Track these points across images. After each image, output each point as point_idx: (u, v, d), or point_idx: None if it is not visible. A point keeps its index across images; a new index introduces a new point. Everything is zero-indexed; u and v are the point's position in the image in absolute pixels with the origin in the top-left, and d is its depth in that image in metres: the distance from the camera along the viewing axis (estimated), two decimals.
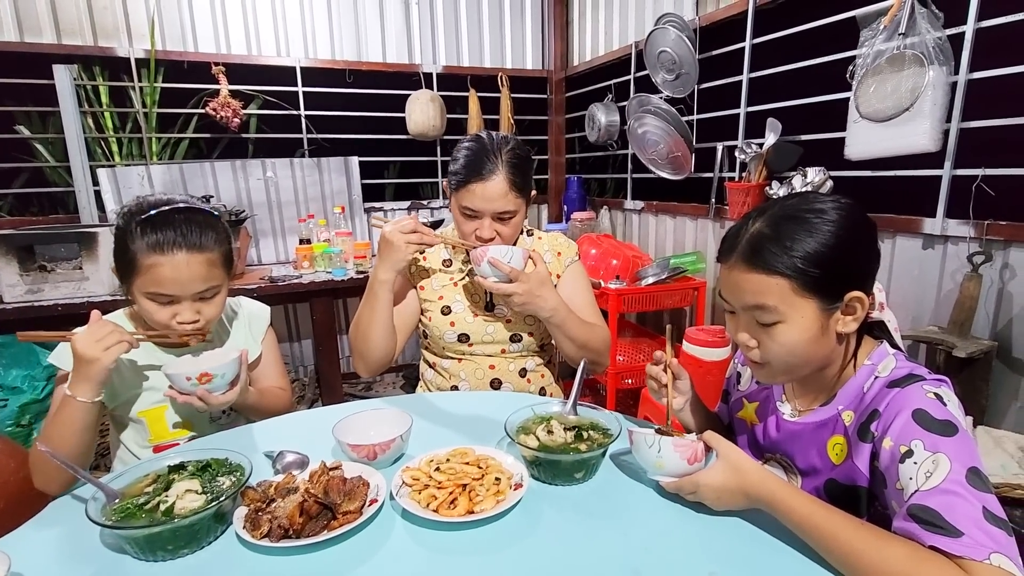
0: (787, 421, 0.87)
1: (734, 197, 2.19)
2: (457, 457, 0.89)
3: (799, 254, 0.73)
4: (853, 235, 0.75)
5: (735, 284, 0.79)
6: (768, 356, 0.79)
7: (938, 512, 0.61)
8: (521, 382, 1.38)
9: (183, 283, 1.01)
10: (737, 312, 0.81)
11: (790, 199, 0.80)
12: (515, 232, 1.30)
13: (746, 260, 0.77)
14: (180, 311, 1.03)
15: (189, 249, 1.01)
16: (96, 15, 2.68)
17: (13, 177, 2.70)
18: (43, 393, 2.19)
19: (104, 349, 0.92)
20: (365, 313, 1.27)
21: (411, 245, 1.18)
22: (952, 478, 0.62)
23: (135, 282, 1.01)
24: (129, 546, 0.71)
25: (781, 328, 0.76)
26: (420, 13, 3.28)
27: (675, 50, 2.44)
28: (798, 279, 0.73)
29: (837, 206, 0.76)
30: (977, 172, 1.54)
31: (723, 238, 0.83)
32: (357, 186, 3.18)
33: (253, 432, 1.10)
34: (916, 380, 0.73)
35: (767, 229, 0.76)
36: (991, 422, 1.52)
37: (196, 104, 2.88)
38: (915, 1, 1.56)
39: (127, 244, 1.00)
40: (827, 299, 0.74)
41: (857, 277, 0.76)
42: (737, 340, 0.83)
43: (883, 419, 0.72)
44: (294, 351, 3.34)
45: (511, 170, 1.22)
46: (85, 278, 2.14)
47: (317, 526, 0.74)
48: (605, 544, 0.74)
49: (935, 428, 0.67)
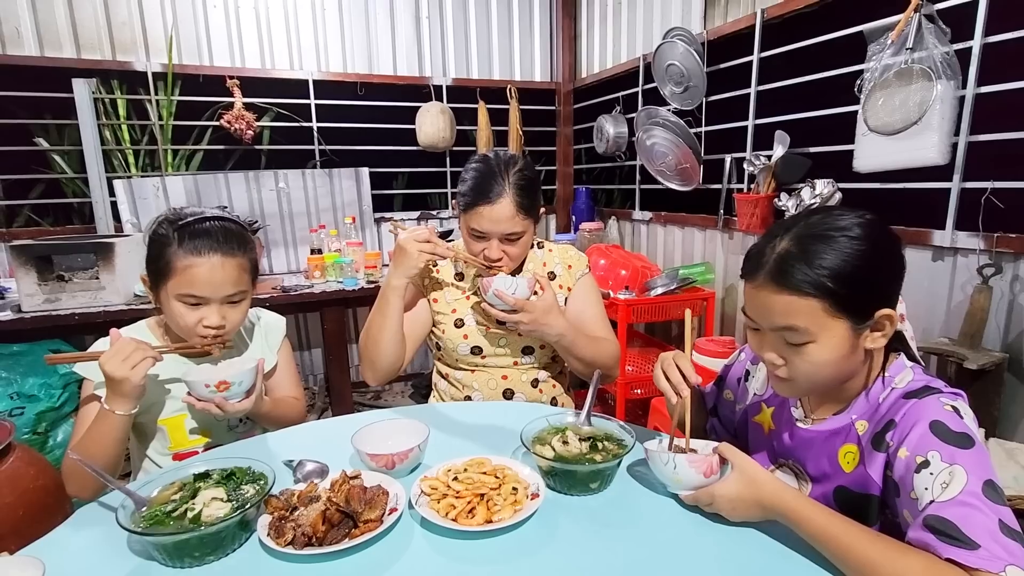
0: (800, 428, 0.88)
1: (743, 209, 2.21)
2: (474, 467, 0.91)
3: (828, 274, 0.72)
4: (879, 251, 0.74)
5: (763, 304, 0.78)
6: (795, 374, 0.79)
7: (955, 524, 0.61)
8: (533, 392, 1.39)
9: (215, 285, 1.05)
10: (763, 330, 0.80)
11: (813, 215, 0.79)
12: (523, 251, 1.32)
13: (774, 280, 0.75)
14: (208, 315, 1.07)
15: (223, 253, 1.06)
16: (115, 30, 2.74)
17: (30, 188, 2.75)
18: (59, 401, 2.21)
19: (131, 367, 0.95)
20: (376, 319, 1.29)
21: (423, 254, 1.21)
22: (969, 490, 0.63)
23: (168, 285, 1.05)
24: (157, 552, 0.73)
25: (811, 348, 0.75)
26: (431, 27, 3.33)
27: (683, 63, 2.47)
28: (829, 299, 0.72)
29: (861, 222, 0.75)
30: (986, 185, 1.54)
31: (747, 256, 0.82)
32: (368, 197, 3.22)
33: (271, 441, 1.12)
34: (933, 392, 0.74)
35: (794, 248, 0.75)
36: (1003, 434, 1.52)
37: (211, 116, 2.93)
38: (922, 17, 1.58)
39: (164, 250, 1.04)
40: (858, 318, 0.74)
41: (885, 293, 0.75)
42: (764, 358, 0.82)
43: (899, 429, 0.73)
44: (304, 360, 3.36)
45: (518, 192, 1.23)
46: (102, 287, 2.17)
47: (339, 534, 0.76)
48: (622, 553, 0.75)
49: (952, 440, 0.68)
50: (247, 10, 2.96)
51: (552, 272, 1.42)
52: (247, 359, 1.13)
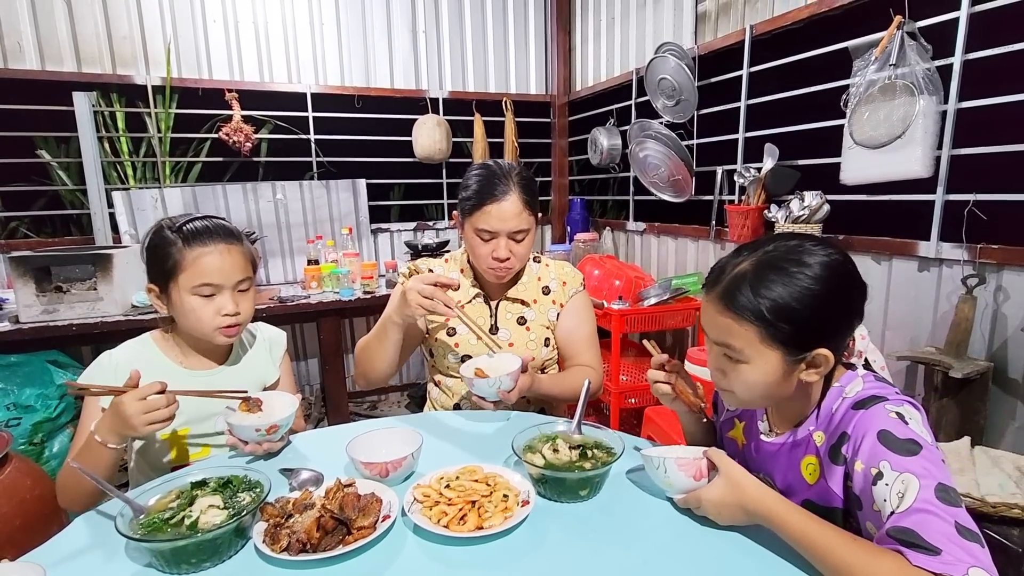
0: (765, 441, 0.91)
1: (734, 220, 2.24)
2: (466, 475, 0.92)
3: (769, 306, 0.75)
4: (831, 295, 0.76)
5: (709, 318, 0.83)
6: (732, 387, 0.83)
7: (915, 531, 0.63)
8: (521, 401, 1.41)
9: (227, 271, 1.10)
10: (709, 342, 0.85)
11: (791, 240, 0.81)
12: (527, 251, 1.35)
13: (720, 299, 0.80)
14: (223, 303, 1.10)
15: (227, 242, 1.11)
16: (116, 44, 2.78)
17: (31, 199, 2.77)
18: (56, 412, 2.22)
19: (149, 423, 0.94)
20: (374, 344, 1.31)
21: (421, 308, 1.17)
22: (922, 496, 0.65)
23: (180, 281, 1.08)
24: (155, 559, 0.75)
25: (744, 368, 0.80)
26: (427, 40, 3.38)
27: (675, 77, 2.51)
28: (765, 329, 0.76)
29: (825, 261, 0.76)
30: (969, 197, 1.58)
31: (712, 267, 0.86)
32: (364, 208, 3.25)
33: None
34: (879, 401, 0.75)
35: (750, 273, 0.78)
36: (988, 442, 1.55)
37: (210, 129, 2.97)
38: (905, 34, 1.62)
39: (169, 250, 1.08)
40: (792, 351, 0.77)
41: (828, 335, 0.77)
42: (709, 366, 0.88)
43: (852, 442, 0.75)
44: (301, 370, 3.37)
45: (523, 189, 1.29)
46: (99, 298, 2.19)
47: (333, 541, 0.77)
48: (609, 559, 0.77)
49: (899, 448, 0.70)
50: (246, 24, 3.00)
51: (547, 287, 1.45)
52: (285, 399, 1.12)
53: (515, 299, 1.41)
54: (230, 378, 1.18)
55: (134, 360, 1.13)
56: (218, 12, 2.94)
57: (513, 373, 1.16)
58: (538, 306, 1.42)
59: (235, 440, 1.04)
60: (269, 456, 1.07)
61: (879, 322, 1.87)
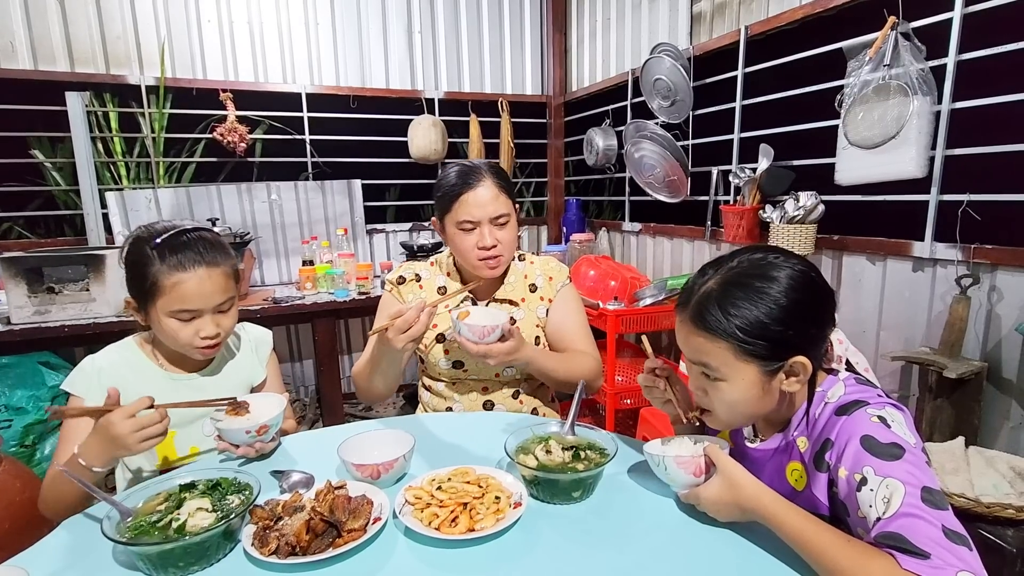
0: (750, 448, 0.91)
1: (729, 220, 2.24)
2: (458, 476, 0.92)
3: (739, 324, 0.76)
4: (799, 307, 0.76)
5: (684, 338, 0.84)
6: (712, 406, 0.84)
7: (903, 536, 0.63)
8: (514, 403, 1.41)
9: (206, 296, 1.06)
10: (688, 362, 0.86)
11: (755, 253, 0.82)
12: (513, 237, 1.35)
13: (692, 320, 0.81)
14: (202, 326, 1.07)
15: (208, 264, 1.07)
16: (109, 44, 2.76)
17: (24, 200, 2.76)
18: (47, 414, 2.20)
19: (140, 442, 0.90)
20: (370, 371, 1.26)
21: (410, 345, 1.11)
22: (908, 501, 0.64)
23: (158, 303, 1.04)
24: (142, 563, 0.74)
25: (723, 386, 0.80)
26: (423, 41, 3.38)
27: (670, 78, 2.51)
28: (738, 345, 0.76)
29: (790, 274, 0.77)
30: (963, 198, 1.58)
31: (682, 288, 0.87)
32: (360, 208, 3.24)
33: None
34: (860, 406, 0.75)
35: (716, 291, 0.79)
36: (983, 442, 1.55)
37: (204, 129, 2.95)
38: (898, 34, 1.62)
39: (146, 270, 1.03)
40: (768, 363, 0.77)
41: (801, 344, 0.77)
42: (690, 386, 0.88)
43: (835, 449, 0.75)
44: (295, 371, 3.36)
45: (495, 176, 1.32)
46: (92, 300, 2.17)
47: (323, 543, 0.76)
48: (601, 562, 0.76)
49: (882, 453, 0.69)
50: (240, 24, 2.99)
51: (533, 284, 1.44)
52: (273, 399, 1.10)
53: (503, 300, 1.41)
54: (215, 381, 1.17)
55: (117, 364, 1.12)
56: (212, 12, 2.93)
57: (487, 328, 1.10)
58: (527, 304, 1.41)
59: (226, 445, 1.03)
60: (261, 457, 1.06)
61: (873, 322, 1.88)
